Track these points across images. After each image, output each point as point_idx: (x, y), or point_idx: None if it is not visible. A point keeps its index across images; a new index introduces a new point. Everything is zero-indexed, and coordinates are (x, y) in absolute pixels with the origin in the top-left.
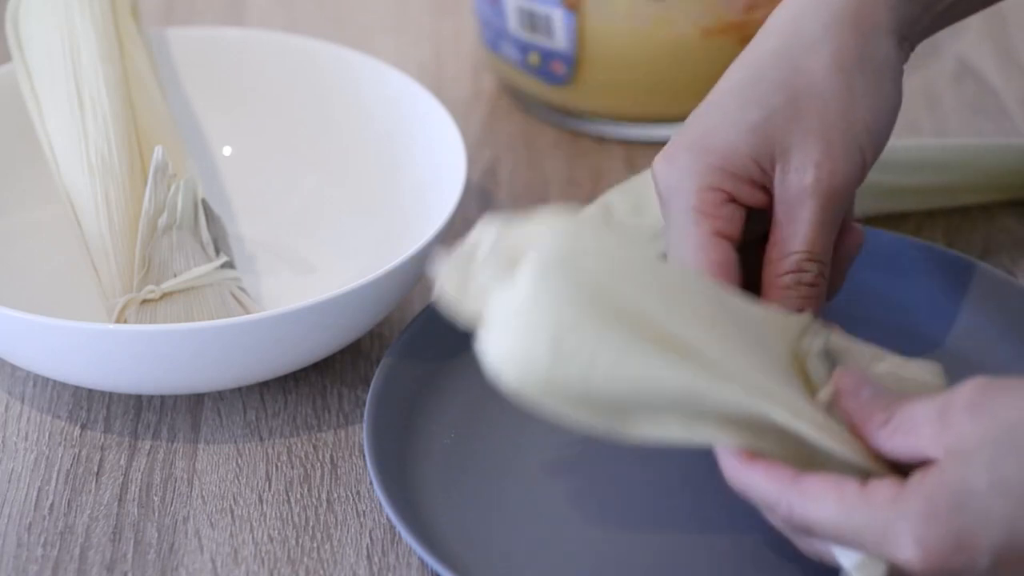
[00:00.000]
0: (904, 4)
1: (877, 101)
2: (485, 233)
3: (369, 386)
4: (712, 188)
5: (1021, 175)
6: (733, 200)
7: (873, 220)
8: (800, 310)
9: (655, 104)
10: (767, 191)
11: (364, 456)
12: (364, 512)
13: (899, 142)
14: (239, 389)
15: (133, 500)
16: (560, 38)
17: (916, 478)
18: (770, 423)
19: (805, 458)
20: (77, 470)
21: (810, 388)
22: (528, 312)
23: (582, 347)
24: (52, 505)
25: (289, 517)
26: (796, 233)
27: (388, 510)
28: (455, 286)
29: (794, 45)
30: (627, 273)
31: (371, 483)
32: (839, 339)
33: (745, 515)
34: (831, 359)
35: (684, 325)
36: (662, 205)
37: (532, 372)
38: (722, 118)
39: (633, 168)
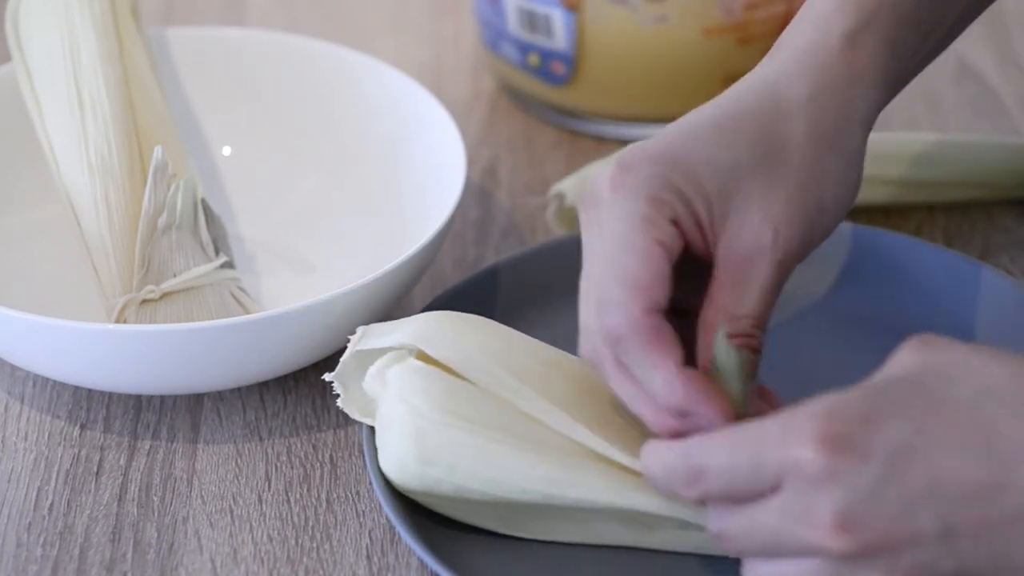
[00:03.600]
0: (876, 94)
1: (842, 186)
2: (354, 341)
3: None
4: (663, 201)
5: (1021, 175)
6: (676, 224)
7: (873, 217)
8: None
9: (655, 104)
10: (703, 238)
11: (363, 456)
12: (364, 512)
13: (900, 135)
14: (239, 389)
15: (133, 500)
16: (560, 38)
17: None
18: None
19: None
20: (77, 470)
21: None
22: (392, 425)
23: (441, 452)
24: (52, 505)
25: (289, 517)
26: (747, 295)
27: (387, 510)
28: (344, 398)
29: (774, 105)
30: (484, 368)
31: (370, 483)
32: None
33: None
34: None
35: (541, 407)
36: (595, 207)
37: (407, 476)
38: (693, 146)
39: None
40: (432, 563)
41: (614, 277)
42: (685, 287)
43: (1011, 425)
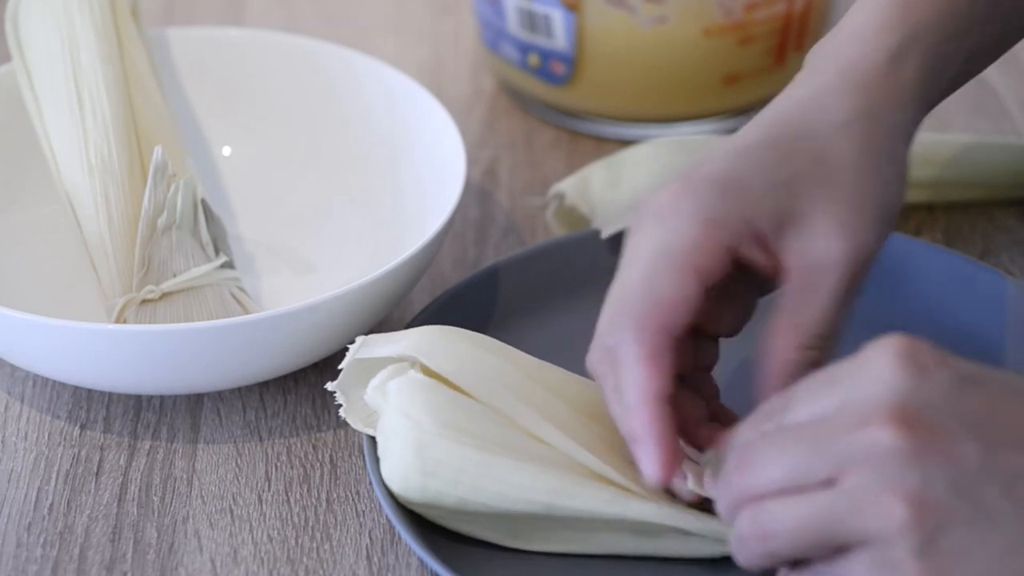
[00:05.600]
0: (916, 112)
1: (896, 194)
2: (352, 350)
3: None
4: (720, 225)
5: (1021, 175)
6: (732, 251)
7: None
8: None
9: (655, 104)
10: (768, 255)
11: (364, 458)
12: (363, 512)
13: None
14: (239, 389)
15: (132, 500)
16: (560, 38)
17: None
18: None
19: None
20: (77, 470)
21: None
22: (393, 438)
23: (444, 465)
24: (52, 505)
25: (288, 517)
26: (815, 305)
27: (387, 510)
28: (346, 408)
29: (824, 121)
30: (485, 383)
31: (370, 483)
32: None
33: None
34: None
35: (541, 426)
36: (648, 219)
37: (409, 488)
38: (749, 166)
39: None
40: (431, 563)
41: (637, 294)
42: (733, 312)
43: None
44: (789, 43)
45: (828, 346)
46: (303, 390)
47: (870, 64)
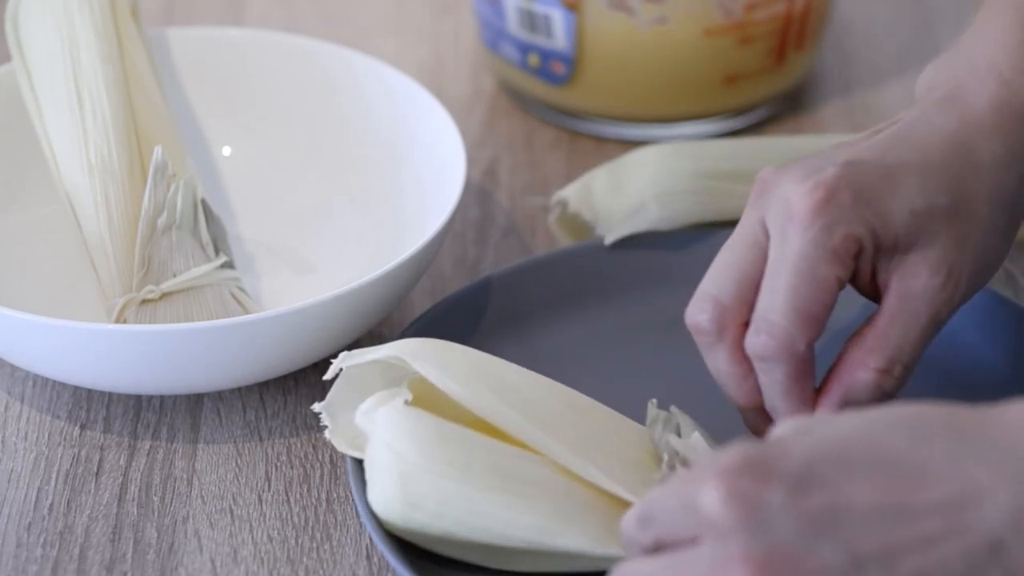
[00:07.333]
0: None
1: (1002, 247)
2: (335, 365)
3: None
4: (856, 238)
5: None
6: (855, 258)
7: None
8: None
9: (655, 104)
10: (872, 274)
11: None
12: None
13: None
14: (238, 389)
15: (132, 500)
16: (560, 38)
17: None
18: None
19: None
20: (76, 470)
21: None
22: (378, 468)
23: (428, 499)
24: (52, 505)
25: (289, 517)
26: (907, 331)
27: (372, 532)
28: (332, 430)
29: (966, 161)
30: (472, 387)
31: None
32: (682, 419)
33: None
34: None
35: (529, 433)
36: (783, 215)
37: (393, 517)
38: (892, 188)
39: None
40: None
41: (787, 299)
42: None
43: (910, 449)
44: (789, 43)
45: (904, 377)
46: (303, 390)
47: (1012, 108)
